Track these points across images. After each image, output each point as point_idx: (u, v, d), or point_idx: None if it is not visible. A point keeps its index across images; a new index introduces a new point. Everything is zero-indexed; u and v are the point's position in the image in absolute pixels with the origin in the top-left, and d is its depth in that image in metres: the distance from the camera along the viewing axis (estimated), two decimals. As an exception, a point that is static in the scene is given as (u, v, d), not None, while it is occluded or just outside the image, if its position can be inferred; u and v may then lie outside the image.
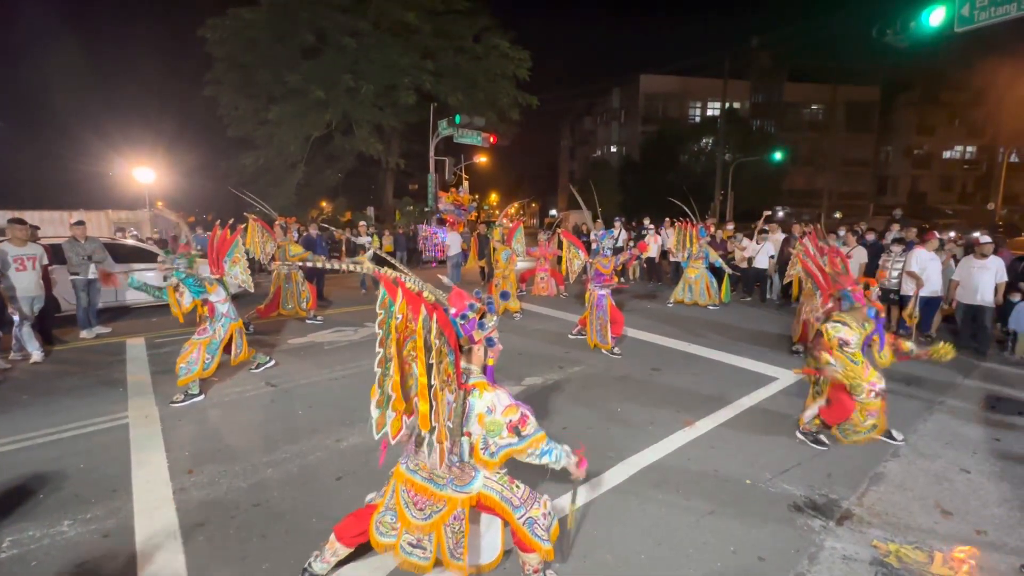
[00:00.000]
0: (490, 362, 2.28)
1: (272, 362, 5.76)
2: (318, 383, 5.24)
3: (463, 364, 2.19)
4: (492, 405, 2.10)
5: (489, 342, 2.23)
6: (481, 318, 2.18)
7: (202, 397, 4.78)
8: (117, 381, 5.36)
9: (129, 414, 4.47)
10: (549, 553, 2.27)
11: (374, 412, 1.99)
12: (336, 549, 2.40)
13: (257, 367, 5.60)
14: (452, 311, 2.13)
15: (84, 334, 7.15)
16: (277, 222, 8.65)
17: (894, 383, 5.50)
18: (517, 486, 2.29)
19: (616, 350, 6.33)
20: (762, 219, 10.37)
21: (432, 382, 1.91)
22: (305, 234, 9.89)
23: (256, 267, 10.92)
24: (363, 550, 2.47)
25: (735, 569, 2.61)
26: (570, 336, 7.03)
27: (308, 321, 8.01)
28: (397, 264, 2.15)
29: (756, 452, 3.83)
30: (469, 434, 2.14)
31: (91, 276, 7.20)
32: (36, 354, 6.04)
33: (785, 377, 5.49)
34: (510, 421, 2.10)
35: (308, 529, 2.88)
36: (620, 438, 4.04)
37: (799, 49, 39.03)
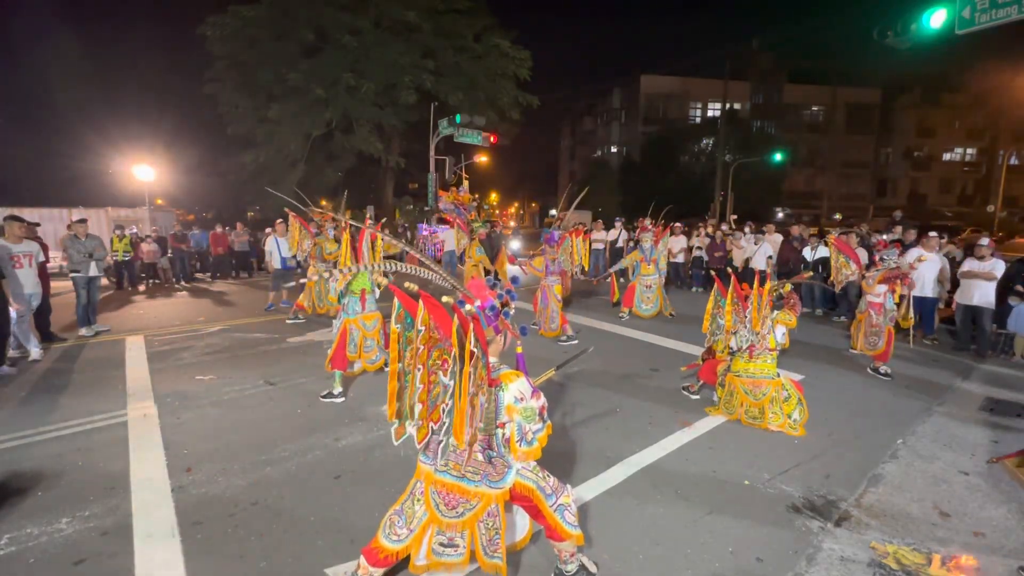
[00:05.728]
0: (519, 349, 2.25)
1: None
2: (317, 382, 5.24)
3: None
4: (520, 393, 2.06)
5: (523, 331, 2.21)
6: (504, 307, 2.15)
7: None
8: (116, 379, 5.36)
9: (128, 412, 4.47)
10: (580, 538, 2.31)
11: (393, 423, 2.04)
12: (371, 572, 2.26)
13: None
14: (477, 303, 2.08)
15: (83, 332, 7.15)
16: (315, 219, 8.47)
17: (894, 385, 5.52)
18: (548, 475, 2.29)
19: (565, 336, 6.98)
20: (752, 226, 10.42)
21: (472, 389, 1.87)
22: None
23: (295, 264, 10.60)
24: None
25: (733, 570, 2.61)
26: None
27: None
28: (430, 264, 2.07)
29: (754, 453, 3.83)
30: (503, 425, 2.09)
31: (92, 274, 7.20)
32: (35, 351, 6.04)
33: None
34: (542, 406, 2.09)
35: (306, 528, 2.88)
36: (618, 438, 4.04)
37: (799, 50, 39.07)
